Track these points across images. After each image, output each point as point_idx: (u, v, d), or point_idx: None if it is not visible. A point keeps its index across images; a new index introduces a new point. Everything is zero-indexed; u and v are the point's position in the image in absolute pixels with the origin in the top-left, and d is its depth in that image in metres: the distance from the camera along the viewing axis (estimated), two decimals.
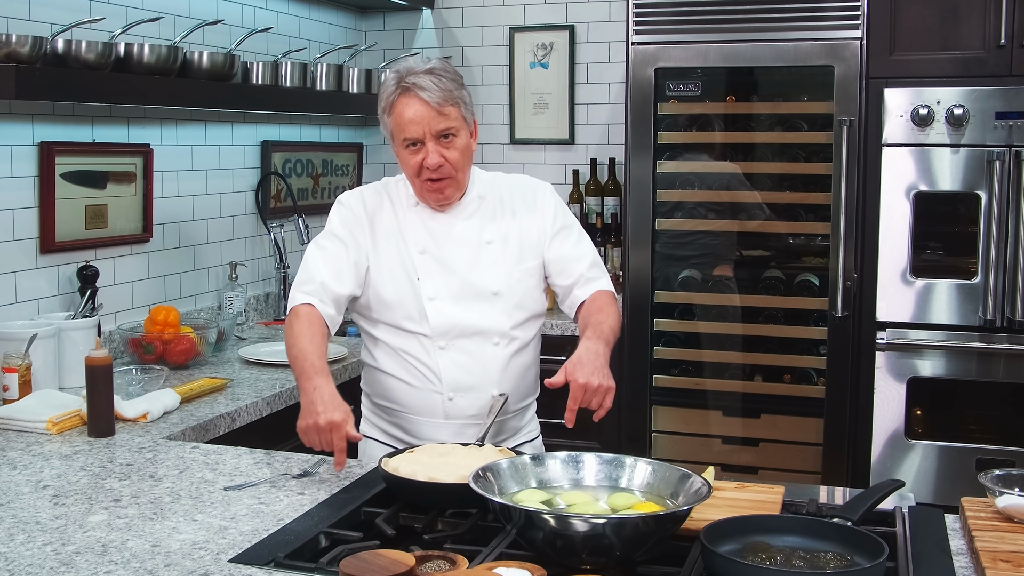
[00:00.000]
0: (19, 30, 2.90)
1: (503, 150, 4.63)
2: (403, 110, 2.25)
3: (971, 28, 3.45)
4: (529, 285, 2.39)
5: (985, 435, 3.54)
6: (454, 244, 2.34)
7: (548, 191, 2.46)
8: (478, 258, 2.34)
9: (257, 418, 2.81)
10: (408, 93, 2.24)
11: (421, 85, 2.23)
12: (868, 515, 1.79)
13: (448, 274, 2.33)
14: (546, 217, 2.42)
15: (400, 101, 2.25)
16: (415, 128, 2.24)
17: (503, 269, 2.35)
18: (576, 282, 2.43)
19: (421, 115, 2.24)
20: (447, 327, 2.31)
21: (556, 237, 2.42)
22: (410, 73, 2.26)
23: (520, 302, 2.36)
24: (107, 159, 3.27)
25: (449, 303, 2.30)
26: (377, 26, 4.78)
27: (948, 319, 3.48)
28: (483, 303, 2.33)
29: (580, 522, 1.58)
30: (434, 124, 2.24)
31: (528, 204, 2.42)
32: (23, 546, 1.76)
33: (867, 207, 3.55)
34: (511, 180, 2.49)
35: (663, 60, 3.73)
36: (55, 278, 3.11)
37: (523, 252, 2.38)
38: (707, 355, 3.93)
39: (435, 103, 2.23)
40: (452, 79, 2.28)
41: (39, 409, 2.54)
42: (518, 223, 2.39)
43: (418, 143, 2.26)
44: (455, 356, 2.32)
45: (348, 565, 1.53)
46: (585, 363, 2.13)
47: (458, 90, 2.28)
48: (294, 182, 4.20)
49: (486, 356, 2.33)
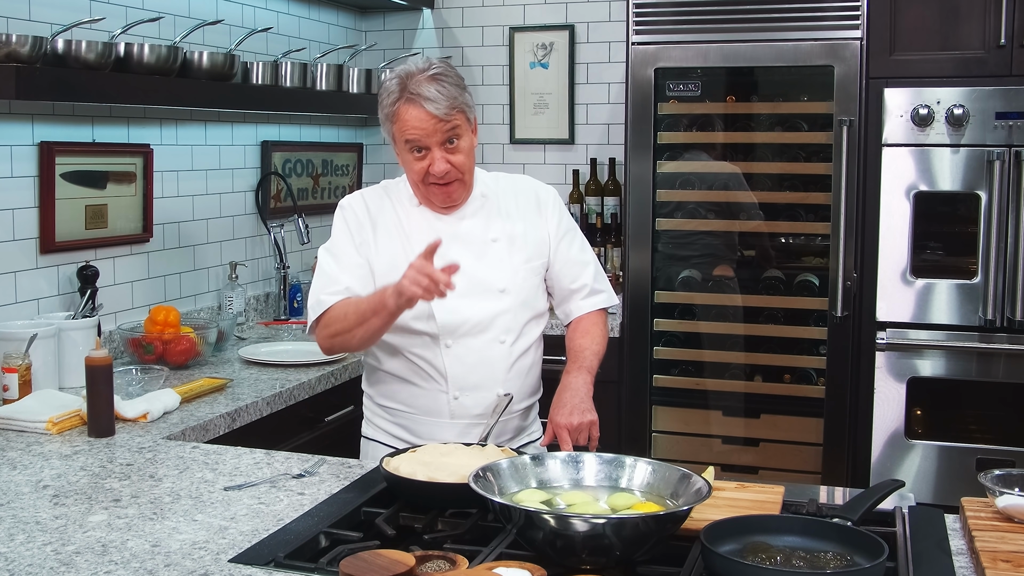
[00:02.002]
0: (19, 30, 2.90)
1: (503, 150, 4.63)
2: (407, 120, 2.22)
3: (971, 28, 3.45)
4: (534, 284, 2.39)
5: (985, 435, 3.54)
6: (459, 242, 2.33)
7: (551, 194, 2.47)
8: (484, 255, 2.34)
9: (257, 418, 2.81)
10: (412, 103, 2.21)
11: (426, 95, 2.20)
12: (868, 515, 1.79)
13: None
14: (550, 220, 2.42)
15: (404, 110, 2.22)
16: (420, 137, 2.23)
17: (509, 266, 2.35)
18: (578, 291, 2.44)
19: (426, 125, 2.21)
20: (455, 325, 2.30)
21: (562, 241, 2.42)
22: (412, 79, 2.22)
23: (526, 300, 2.37)
24: (107, 159, 3.27)
25: (456, 300, 2.28)
26: (377, 26, 4.78)
27: (948, 319, 3.48)
28: (490, 300, 2.32)
29: (580, 522, 1.58)
30: (440, 133, 2.22)
31: (531, 205, 2.43)
32: (23, 546, 1.76)
33: (867, 207, 3.55)
34: (513, 180, 2.48)
35: (663, 60, 3.73)
36: (55, 278, 3.11)
37: (528, 251, 2.38)
38: (707, 355, 3.93)
39: (441, 114, 2.20)
40: (455, 83, 2.25)
41: (39, 409, 2.54)
42: (523, 223, 2.39)
43: (423, 150, 2.25)
44: (461, 354, 2.31)
45: (348, 565, 1.53)
46: (565, 403, 2.24)
47: (461, 95, 2.26)
48: (294, 182, 4.20)
49: (492, 354, 2.33)
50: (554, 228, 2.42)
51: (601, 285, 2.48)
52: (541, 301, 2.42)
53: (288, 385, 2.97)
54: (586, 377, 2.31)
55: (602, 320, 2.48)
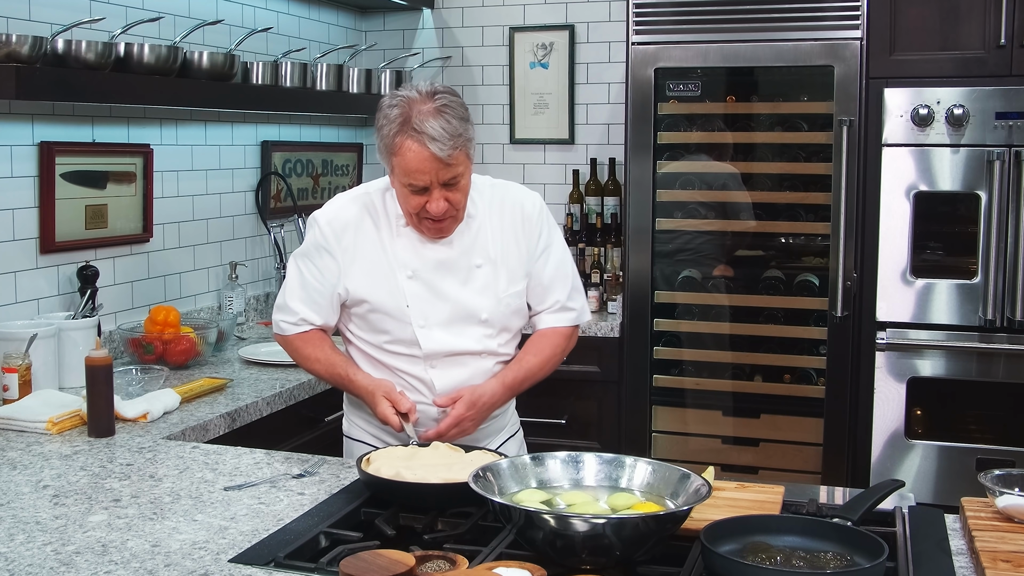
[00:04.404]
0: (19, 30, 2.90)
1: (503, 150, 4.63)
2: (409, 157, 2.13)
3: (971, 28, 3.45)
4: (515, 307, 2.36)
5: (985, 435, 3.54)
6: (444, 268, 2.30)
7: (537, 206, 2.39)
8: (468, 281, 2.31)
9: (257, 418, 2.81)
10: (415, 139, 2.12)
11: (431, 134, 2.10)
12: (868, 515, 1.79)
13: (437, 299, 2.29)
14: (532, 237, 2.36)
15: (405, 145, 2.13)
16: (421, 177, 2.15)
17: (492, 294, 2.32)
18: (548, 308, 2.41)
19: (429, 165, 2.13)
20: (439, 352, 2.30)
21: (538, 260, 2.38)
22: (416, 112, 2.12)
23: (507, 325, 2.36)
24: (107, 159, 3.27)
25: (439, 330, 2.29)
26: (377, 26, 4.78)
27: (948, 319, 3.48)
28: (473, 327, 2.32)
29: (580, 522, 1.58)
30: (442, 174, 2.15)
31: (517, 221, 2.36)
32: (23, 546, 1.76)
33: (867, 207, 3.55)
34: (500, 191, 2.39)
35: (663, 60, 3.73)
36: (55, 278, 3.11)
37: (511, 274, 2.34)
38: (707, 355, 3.93)
39: (444, 155, 2.11)
40: (460, 118, 2.15)
41: (39, 409, 2.54)
42: (505, 242, 2.34)
43: (423, 189, 2.18)
44: (447, 371, 2.32)
45: (348, 565, 1.53)
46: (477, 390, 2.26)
47: (465, 131, 2.17)
48: (294, 182, 4.20)
49: (476, 368, 2.33)
50: (535, 245, 2.37)
51: (574, 303, 2.43)
52: (522, 319, 2.41)
53: (288, 385, 2.97)
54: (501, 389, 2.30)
55: (560, 339, 2.41)
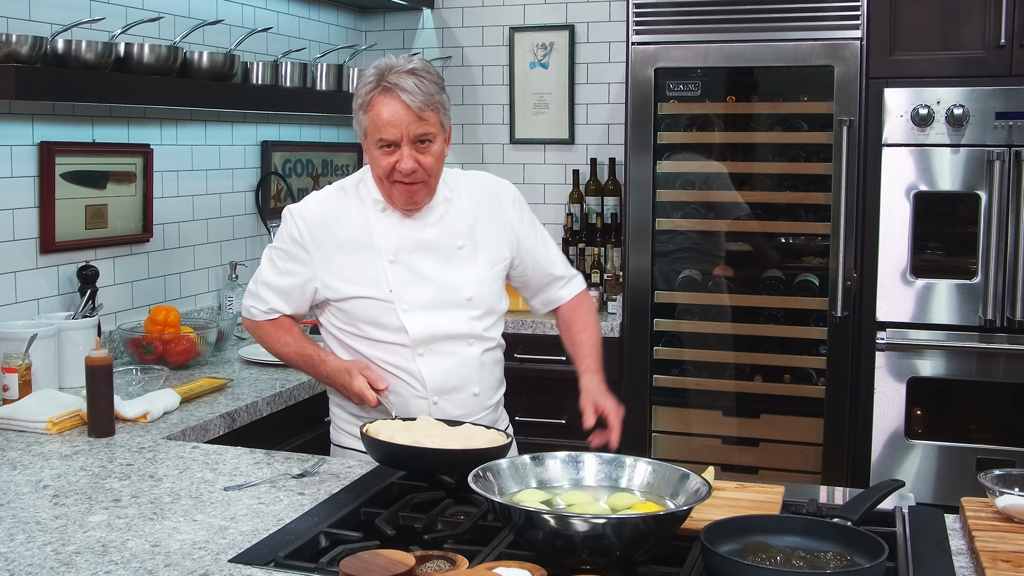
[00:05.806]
0: (19, 30, 2.90)
1: (503, 150, 4.63)
2: (381, 109, 2.19)
3: (971, 28, 3.45)
4: (497, 288, 2.40)
5: (985, 435, 3.54)
6: (426, 250, 2.32)
7: (511, 190, 2.47)
8: (450, 262, 2.33)
9: (257, 418, 2.81)
10: (388, 93, 2.18)
11: (403, 86, 2.17)
12: (868, 515, 1.79)
13: (421, 282, 2.31)
14: (512, 216, 2.42)
15: (378, 100, 2.19)
16: (392, 130, 2.19)
17: (475, 274, 2.35)
18: (556, 280, 2.50)
19: (400, 117, 2.19)
20: (426, 336, 2.31)
21: (528, 235, 2.44)
22: (391, 71, 2.20)
23: (491, 306, 2.38)
24: (107, 159, 3.27)
25: (424, 312, 2.30)
26: (377, 26, 4.78)
27: (948, 319, 3.48)
28: (457, 309, 2.33)
29: (580, 522, 1.58)
30: (412, 128, 2.20)
31: (493, 204, 2.42)
32: (23, 546, 1.76)
33: (867, 207, 3.55)
34: (471, 179, 2.45)
35: (663, 60, 3.73)
36: (55, 278, 3.11)
37: (492, 255, 2.38)
38: (707, 355, 3.93)
39: (416, 107, 2.17)
40: (434, 82, 2.23)
41: (39, 409, 2.54)
42: (485, 224, 2.38)
43: (392, 145, 2.21)
44: (435, 360, 2.32)
45: (348, 565, 1.53)
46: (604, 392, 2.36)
47: (439, 94, 2.23)
48: (294, 182, 4.20)
49: (464, 356, 2.34)
50: (518, 223, 2.43)
51: (573, 271, 2.57)
52: (503, 302, 2.44)
53: (288, 385, 2.97)
54: (594, 378, 2.39)
55: (590, 303, 2.58)
